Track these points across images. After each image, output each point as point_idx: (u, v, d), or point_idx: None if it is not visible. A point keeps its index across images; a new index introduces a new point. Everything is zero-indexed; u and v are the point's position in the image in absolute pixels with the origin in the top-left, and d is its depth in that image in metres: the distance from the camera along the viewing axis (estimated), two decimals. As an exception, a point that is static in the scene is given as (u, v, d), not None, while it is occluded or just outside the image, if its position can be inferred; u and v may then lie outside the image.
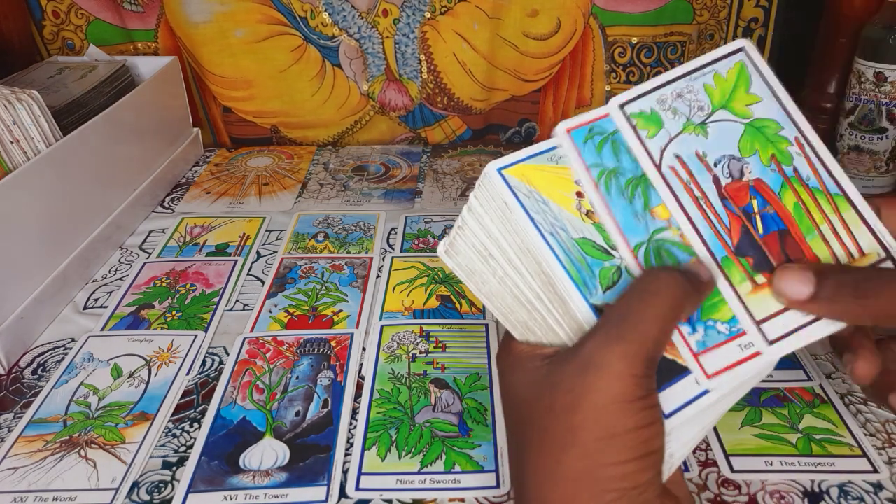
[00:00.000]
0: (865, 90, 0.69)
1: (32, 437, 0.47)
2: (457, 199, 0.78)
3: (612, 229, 0.34)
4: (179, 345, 0.56)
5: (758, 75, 0.37)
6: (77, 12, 0.86)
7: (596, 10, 0.84)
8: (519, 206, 0.34)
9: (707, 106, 0.36)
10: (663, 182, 0.34)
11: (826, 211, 0.35)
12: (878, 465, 0.44)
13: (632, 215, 0.34)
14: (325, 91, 0.90)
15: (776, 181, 0.35)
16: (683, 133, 0.35)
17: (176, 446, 0.47)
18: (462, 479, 0.43)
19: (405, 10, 0.84)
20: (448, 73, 0.88)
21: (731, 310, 0.33)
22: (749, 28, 0.85)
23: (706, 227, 0.34)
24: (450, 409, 0.49)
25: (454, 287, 0.62)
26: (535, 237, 0.33)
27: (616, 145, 0.35)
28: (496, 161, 0.35)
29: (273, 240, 0.71)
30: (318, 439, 0.47)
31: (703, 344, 0.32)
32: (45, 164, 0.58)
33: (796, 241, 0.34)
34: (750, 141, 0.36)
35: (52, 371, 0.54)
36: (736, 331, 0.33)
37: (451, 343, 0.55)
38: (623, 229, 0.34)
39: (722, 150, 0.35)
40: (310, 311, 0.59)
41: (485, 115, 0.92)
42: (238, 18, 0.84)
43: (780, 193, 0.35)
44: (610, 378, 0.29)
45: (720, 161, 0.35)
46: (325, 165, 0.87)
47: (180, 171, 0.85)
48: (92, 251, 0.65)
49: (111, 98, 0.72)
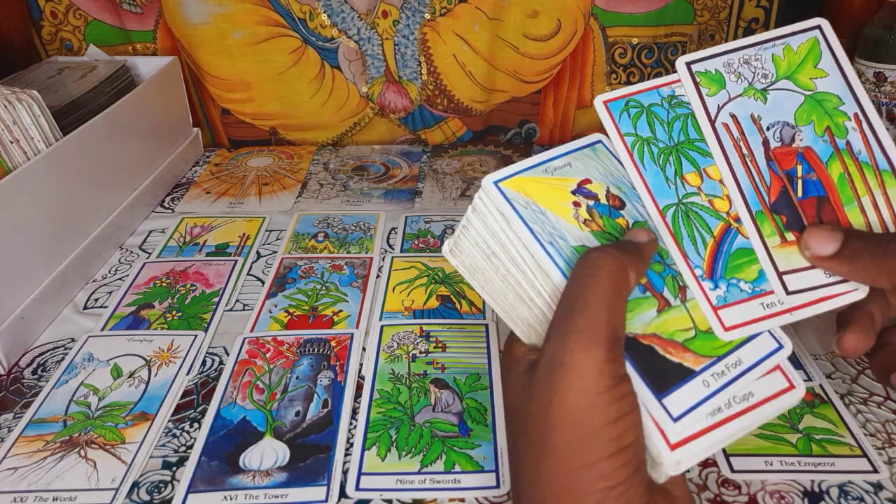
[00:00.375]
0: (865, 90, 0.70)
1: (32, 437, 0.47)
2: (457, 199, 0.78)
3: (642, 191, 0.36)
4: (179, 345, 0.56)
5: (829, 52, 0.38)
6: (75, 13, 0.86)
7: (596, 10, 0.84)
8: (517, 217, 0.34)
9: (771, 74, 0.38)
10: (714, 135, 0.36)
11: (871, 184, 0.36)
12: (878, 465, 0.44)
13: (662, 180, 0.36)
14: (324, 93, 0.90)
15: (826, 151, 0.36)
16: (743, 96, 0.37)
17: (176, 446, 0.47)
18: (462, 479, 0.43)
19: (405, 12, 0.84)
20: (448, 74, 0.88)
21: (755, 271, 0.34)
22: (750, 28, 0.85)
23: (746, 182, 0.36)
24: (450, 409, 0.49)
25: (454, 287, 0.62)
26: (534, 246, 0.33)
27: (651, 118, 0.37)
28: (492, 174, 0.35)
29: (273, 240, 0.71)
30: (318, 439, 0.47)
31: (723, 299, 0.34)
32: (45, 164, 0.58)
33: (833, 209, 0.35)
34: (808, 111, 0.37)
35: (52, 371, 0.54)
36: (760, 290, 0.34)
37: (451, 343, 0.55)
38: (653, 191, 0.36)
39: (777, 116, 0.37)
40: (310, 311, 0.59)
41: (485, 117, 0.92)
42: (236, 20, 0.84)
43: (827, 163, 0.36)
44: (573, 374, 0.29)
45: (773, 126, 0.37)
46: (325, 165, 0.87)
47: (180, 171, 0.85)
48: (92, 251, 0.65)
49: (111, 98, 0.72)
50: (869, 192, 0.36)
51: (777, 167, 0.36)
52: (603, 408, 0.29)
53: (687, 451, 0.31)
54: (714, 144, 0.36)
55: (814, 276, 0.34)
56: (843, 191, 0.36)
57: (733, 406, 0.33)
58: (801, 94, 0.37)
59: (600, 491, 0.28)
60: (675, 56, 0.87)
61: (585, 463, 0.29)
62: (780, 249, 0.35)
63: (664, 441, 0.31)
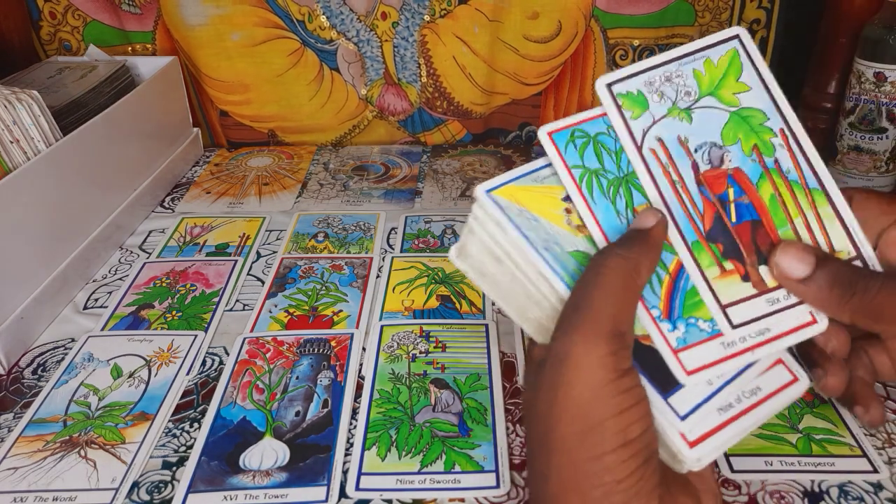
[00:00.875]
0: (865, 90, 0.70)
1: (32, 437, 0.47)
2: (457, 199, 0.78)
3: (593, 228, 0.34)
4: (179, 345, 0.56)
5: (749, 64, 0.37)
6: (74, 13, 0.86)
7: (597, 12, 0.84)
8: (511, 224, 0.34)
9: (694, 91, 0.36)
10: (642, 163, 0.35)
11: (802, 205, 0.35)
12: (878, 465, 0.44)
13: (613, 214, 0.35)
14: (322, 95, 0.90)
15: (755, 171, 0.35)
16: (668, 117, 0.36)
17: (176, 446, 0.47)
18: (462, 479, 0.43)
19: (404, 13, 0.84)
20: (448, 76, 0.88)
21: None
22: (751, 30, 0.85)
23: (679, 211, 0.35)
24: (450, 409, 0.49)
25: (454, 287, 0.62)
26: (531, 253, 0.33)
27: (598, 147, 0.36)
28: (484, 184, 0.35)
29: (273, 240, 0.71)
30: (318, 439, 0.47)
31: (683, 341, 0.33)
32: (45, 164, 0.58)
33: (768, 233, 0.34)
34: (734, 129, 0.36)
35: (52, 371, 0.54)
36: (718, 329, 0.33)
37: (451, 343, 0.55)
38: (603, 226, 0.34)
39: (704, 137, 0.36)
40: (310, 311, 0.59)
41: (485, 120, 0.92)
42: (234, 21, 0.84)
43: (757, 184, 0.35)
44: (576, 368, 0.29)
45: (701, 147, 0.36)
46: (325, 165, 0.87)
47: (180, 171, 0.85)
48: (92, 251, 0.65)
49: (111, 98, 0.72)
50: (801, 213, 0.35)
51: (708, 192, 0.35)
52: (606, 400, 0.29)
53: (706, 448, 0.31)
54: (643, 173, 0.35)
55: (758, 305, 0.33)
56: (776, 213, 0.35)
57: (743, 401, 0.33)
58: (726, 112, 0.36)
59: (607, 484, 0.28)
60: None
61: (591, 456, 0.29)
62: (720, 280, 0.34)
63: (682, 439, 0.31)
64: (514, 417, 0.48)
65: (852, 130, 0.72)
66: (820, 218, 0.35)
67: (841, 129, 0.74)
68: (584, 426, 0.29)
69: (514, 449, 0.46)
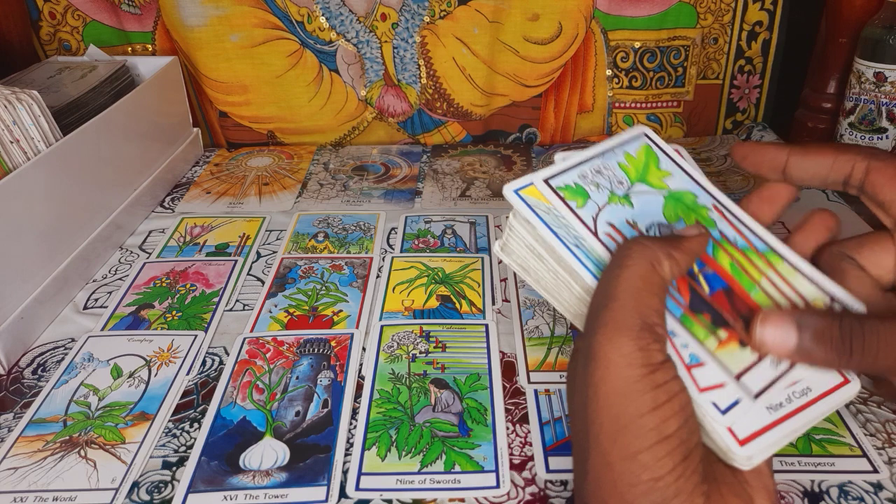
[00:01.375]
0: (865, 90, 0.70)
1: (32, 437, 0.47)
2: (457, 199, 0.78)
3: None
4: (179, 345, 0.56)
5: (664, 155, 0.39)
6: (74, 13, 0.86)
7: (598, 13, 0.84)
8: (542, 223, 0.35)
9: (625, 180, 0.38)
10: (603, 248, 0.35)
11: (760, 267, 0.35)
12: (878, 465, 0.44)
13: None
14: (322, 97, 0.90)
15: (707, 244, 0.36)
16: (610, 203, 0.37)
17: (176, 446, 0.47)
18: (462, 479, 0.43)
19: (404, 15, 0.84)
20: (447, 78, 0.88)
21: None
22: (754, 32, 0.85)
23: None
24: (450, 409, 0.49)
25: (454, 287, 0.62)
26: (562, 250, 0.34)
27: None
28: (511, 183, 0.36)
29: (273, 240, 0.71)
30: (318, 439, 0.46)
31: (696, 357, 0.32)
32: (45, 164, 0.58)
33: (742, 298, 0.34)
34: (673, 209, 0.37)
35: (52, 371, 0.54)
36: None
37: (451, 343, 0.55)
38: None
39: (650, 218, 0.37)
40: (310, 311, 0.59)
41: (485, 121, 0.92)
42: (233, 22, 0.84)
43: (714, 255, 0.35)
44: (602, 367, 0.29)
45: (650, 227, 0.36)
46: (325, 165, 0.87)
47: (180, 171, 0.85)
48: (92, 251, 0.65)
49: (111, 98, 0.72)
50: (763, 275, 0.35)
51: None
52: (637, 398, 0.28)
53: (756, 446, 0.31)
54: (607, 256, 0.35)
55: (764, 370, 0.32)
56: (741, 278, 0.35)
57: (794, 401, 0.32)
58: (660, 195, 0.37)
59: (645, 483, 0.28)
60: (679, 60, 0.87)
61: (626, 455, 0.28)
62: (721, 351, 0.32)
63: (733, 437, 0.31)
64: (514, 417, 0.48)
65: (852, 130, 0.72)
66: (781, 275, 0.35)
67: (841, 129, 0.74)
68: (617, 426, 0.28)
69: (514, 449, 0.46)
